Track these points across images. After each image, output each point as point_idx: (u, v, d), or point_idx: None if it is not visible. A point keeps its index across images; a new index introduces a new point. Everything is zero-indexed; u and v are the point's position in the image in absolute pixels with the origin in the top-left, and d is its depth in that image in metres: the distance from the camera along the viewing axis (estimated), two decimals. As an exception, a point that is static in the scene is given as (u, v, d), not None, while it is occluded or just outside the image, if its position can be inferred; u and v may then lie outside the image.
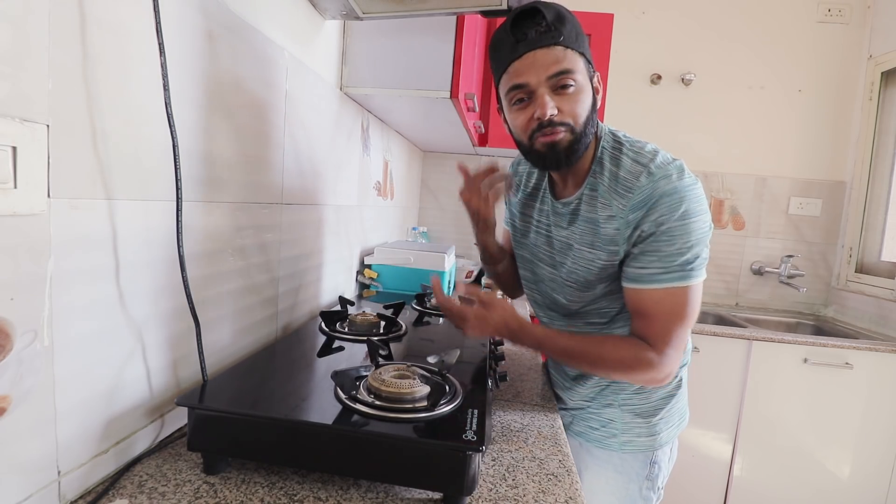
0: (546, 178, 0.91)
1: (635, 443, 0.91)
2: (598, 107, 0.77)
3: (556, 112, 0.72)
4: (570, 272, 0.85)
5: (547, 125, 0.73)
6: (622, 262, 0.78)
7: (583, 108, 0.74)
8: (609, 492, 0.93)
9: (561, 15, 0.72)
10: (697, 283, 0.74)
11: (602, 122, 0.84)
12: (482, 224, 0.97)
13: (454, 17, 1.14)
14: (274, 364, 0.75)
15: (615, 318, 0.87)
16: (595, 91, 0.77)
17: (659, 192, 0.72)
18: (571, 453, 1.00)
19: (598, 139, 0.81)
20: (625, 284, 0.78)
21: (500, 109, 0.84)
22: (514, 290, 1.12)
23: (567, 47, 0.71)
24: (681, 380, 0.94)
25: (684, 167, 0.75)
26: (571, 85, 0.72)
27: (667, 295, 0.74)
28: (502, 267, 1.07)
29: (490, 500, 0.57)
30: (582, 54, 0.73)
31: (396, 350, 0.86)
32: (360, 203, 1.46)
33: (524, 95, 0.74)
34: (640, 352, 0.76)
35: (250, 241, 0.83)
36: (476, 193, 0.90)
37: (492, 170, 0.89)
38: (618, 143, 0.80)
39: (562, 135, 0.73)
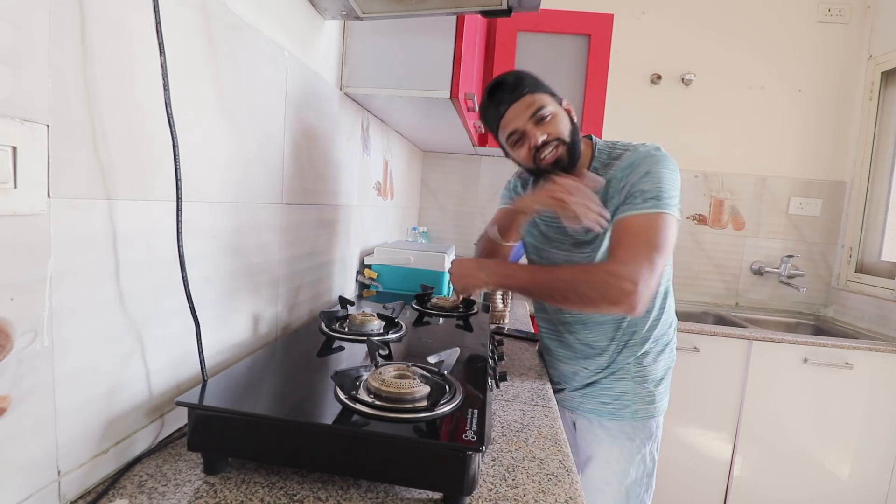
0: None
1: (644, 410, 1.04)
2: (576, 122, 1.00)
3: (545, 136, 0.94)
4: (580, 238, 1.01)
5: (543, 147, 0.94)
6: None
7: (563, 126, 0.96)
8: (623, 459, 1.05)
9: (519, 77, 0.97)
10: (668, 216, 0.86)
11: (602, 123, 1.02)
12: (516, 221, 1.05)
13: (454, 17, 1.14)
14: (274, 364, 0.75)
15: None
16: (568, 112, 0.99)
17: (643, 155, 0.93)
18: (581, 434, 1.11)
19: (593, 147, 1.03)
20: (615, 219, 0.92)
21: (506, 154, 1.04)
22: None
23: (533, 93, 0.95)
24: (674, 353, 1.10)
25: (660, 147, 0.96)
26: (547, 115, 0.94)
27: (636, 221, 0.87)
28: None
29: (490, 500, 0.57)
30: (546, 93, 0.97)
31: (396, 350, 0.86)
32: (360, 203, 1.46)
33: (518, 137, 0.97)
34: (598, 267, 0.90)
35: (250, 241, 0.83)
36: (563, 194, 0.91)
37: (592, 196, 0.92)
38: (610, 146, 1.02)
39: (560, 150, 0.95)
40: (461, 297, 1.21)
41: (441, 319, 1.14)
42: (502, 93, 0.95)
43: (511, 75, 0.97)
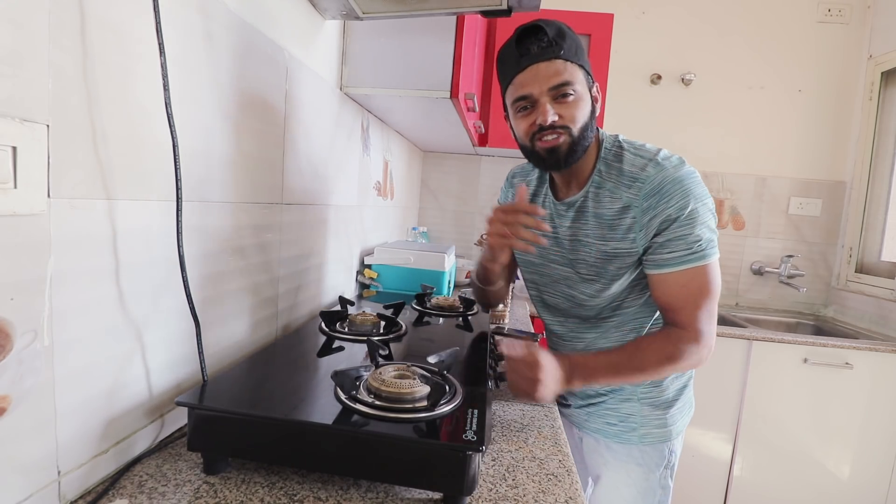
0: (546, 184, 0.96)
1: (654, 434, 0.93)
2: (596, 114, 0.84)
3: (556, 118, 0.78)
4: (583, 262, 0.88)
5: (548, 128, 0.79)
6: (645, 252, 0.82)
7: (581, 115, 0.80)
8: (630, 484, 0.96)
9: (561, 31, 0.78)
10: (715, 261, 0.80)
11: (602, 122, 0.91)
12: (494, 256, 0.90)
13: (454, 17, 1.13)
14: (274, 364, 0.75)
15: (650, 329, 0.91)
16: (594, 100, 0.83)
17: (669, 179, 0.78)
18: (587, 452, 1.03)
19: (599, 143, 0.87)
20: (651, 272, 0.82)
21: (507, 116, 0.89)
22: (490, 305, 1.18)
23: (567, 60, 0.78)
24: (692, 370, 0.97)
25: (683, 159, 0.83)
26: (571, 94, 0.78)
27: (693, 276, 0.79)
28: (495, 288, 1.06)
29: (490, 500, 0.57)
30: (581, 66, 0.80)
31: (396, 350, 0.86)
32: (360, 203, 1.46)
33: (528, 104, 0.80)
34: (679, 342, 0.79)
35: (250, 241, 0.83)
36: (504, 228, 0.80)
37: (529, 210, 0.79)
38: (619, 146, 0.87)
39: (561, 139, 0.80)
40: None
41: (441, 319, 1.14)
42: (534, 42, 0.77)
43: (553, 26, 0.78)
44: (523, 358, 0.74)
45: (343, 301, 1.05)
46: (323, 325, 0.94)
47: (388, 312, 1.03)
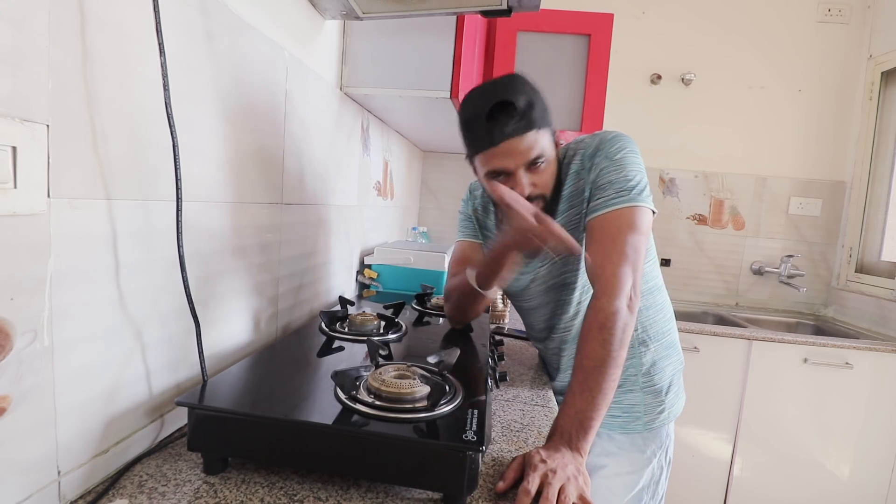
0: None
1: (657, 419, 0.97)
2: (557, 154, 0.88)
3: (532, 189, 0.83)
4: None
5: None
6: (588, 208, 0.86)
7: (550, 176, 0.85)
8: (633, 471, 0.98)
9: (530, 101, 0.79)
10: (646, 209, 0.81)
11: (602, 123, 0.96)
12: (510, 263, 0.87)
13: (454, 17, 1.14)
14: (274, 364, 0.75)
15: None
16: (556, 146, 0.87)
17: (606, 138, 0.86)
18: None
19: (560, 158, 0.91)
20: (587, 221, 0.84)
21: (470, 162, 0.90)
22: (473, 315, 1.03)
23: (539, 128, 0.80)
24: (681, 354, 1.02)
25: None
26: (543, 163, 0.83)
27: (618, 215, 0.80)
28: (490, 292, 0.95)
29: (490, 500, 0.57)
30: (549, 128, 0.83)
31: (396, 350, 0.86)
32: (360, 203, 1.46)
33: (500, 174, 0.83)
34: (599, 305, 0.74)
35: (250, 241, 0.83)
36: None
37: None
38: (569, 147, 0.92)
39: (537, 206, 0.81)
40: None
41: (441, 319, 1.14)
42: (507, 116, 0.77)
43: (522, 96, 0.78)
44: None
45: (343, 301, 1.05)
46: (323, 325, 0.94)
47: (388, 312, 1.03)
